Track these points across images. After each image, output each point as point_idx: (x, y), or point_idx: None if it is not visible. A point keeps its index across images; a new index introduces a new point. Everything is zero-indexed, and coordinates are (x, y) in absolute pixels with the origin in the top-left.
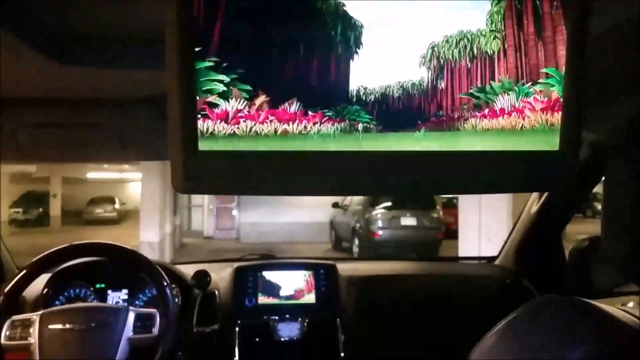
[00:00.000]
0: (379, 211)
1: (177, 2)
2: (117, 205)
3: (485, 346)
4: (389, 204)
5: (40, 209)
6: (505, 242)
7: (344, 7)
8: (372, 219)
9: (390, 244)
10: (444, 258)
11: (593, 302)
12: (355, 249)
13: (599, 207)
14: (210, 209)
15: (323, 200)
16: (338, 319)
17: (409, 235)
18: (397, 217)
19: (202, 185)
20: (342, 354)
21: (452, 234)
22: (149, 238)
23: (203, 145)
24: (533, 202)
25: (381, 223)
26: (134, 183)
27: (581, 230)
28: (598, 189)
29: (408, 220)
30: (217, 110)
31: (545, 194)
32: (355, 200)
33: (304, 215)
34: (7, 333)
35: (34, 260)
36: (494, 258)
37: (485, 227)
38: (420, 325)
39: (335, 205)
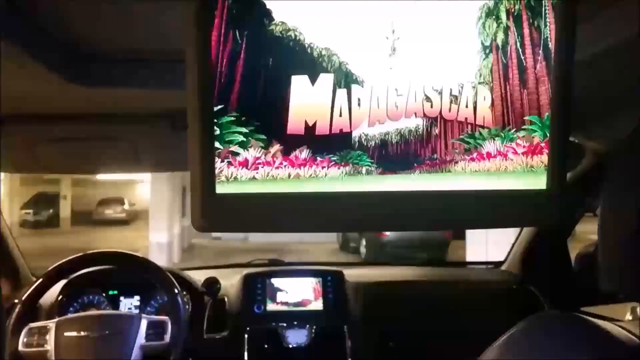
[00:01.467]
0: None
1: (199, 68)
2: (126, 206)
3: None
4: None
5: (51, 210)
6: (512, 247)
7: (347, 66)
8: None
9: (397, 245)
10: (450, 263)
11: (592, 318)
12: (363, 250)
13: None
14: None
15: None
16: (345, 326)
17: (417, 237)
18: None
19: (219, 224)
20: None
21: (460, 234)
22: (159, 239)
23: (220, 189)
24: None
25: None
26: (143, 184)
27: (591, 230)
28: None
29: None
30: (239, 158)
31: None
32: None
33: None
34: (25, 340)
35: (49, 269)
36: (500, 263)
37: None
38: (427, 331)
39: None
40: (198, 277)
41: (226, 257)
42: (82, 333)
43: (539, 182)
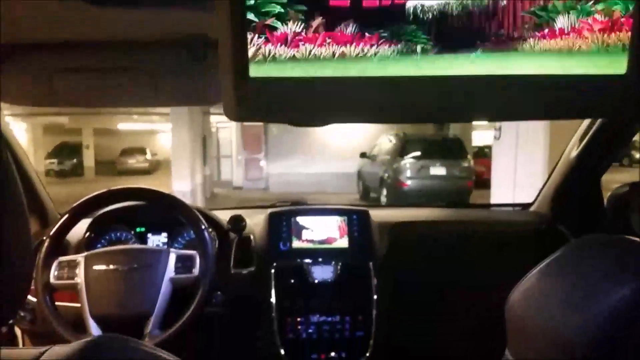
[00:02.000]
0: (407, 161)
1: None
2: (148, 156)
3: (526, 286)
4: (417, 153)
5: (74, 160)
6: (542, 188)
7: None
8: (401, 169)
9: (418, 194)
10: (475, 205)
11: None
12: (383, 199)
13: (638, 155)
14: (239, 160)
15: (351, 150)
16: (371, 263)
17: (438, 185)
18: (426, 166)
19: (254, 112)
20: (375, 297)
21: (482, 183)
22: (181, 187)
23: (255, 71)
24: (573, 146)
25: (410, 173)
26: (164, 134)
27: (617, 179)
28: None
29: (437, 170)
30: (276, 33)
31: (589, 136)
32: (383, 150)
33: (331, 166)
34: (55, 273)
35: (76, 204)
36: (528, 205)
37: (520, 174)
38: (453, 269)
39: (363, 155)
40: (223, 217)
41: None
42: (111, 266)
43: (617, 66)
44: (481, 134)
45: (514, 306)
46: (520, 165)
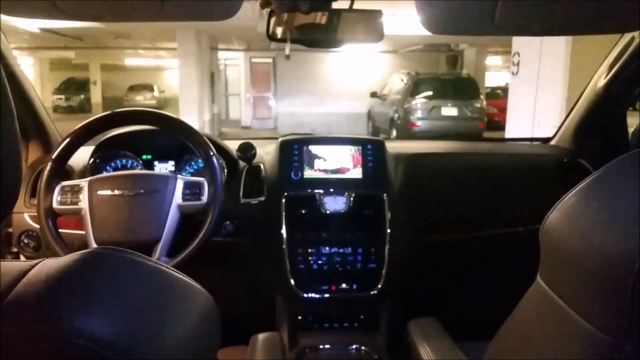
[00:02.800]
0: (418, 101)
1: None
2: (156, 93)
3: (565, 207)
4: (429, 93)
5: (82, 96)
6: (564, 121)
7: None
8: (412, 109)
9: (429, 135)
10: (491, 139)
11: None
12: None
13: None
14: (247, 98)
15: (361, 90)
16: (385, 194)
17: (450, 126)
18: (437, 106)
19: None
20: (389, 230)
21: (494, 125)
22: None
23: None
24: (601, 75)
25: (421, 113)
26: (171, 71)
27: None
28: None
29: (449, 110)
30: None
31: (621, 61)
32: (394, 90)
33: (341, 106)
34: (58, 198)
35: (79, 125)
36: (548, 139)
37: (538, 111)
38: (471, 202)
39: (373, 94)
40: (232, 146)
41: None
42: (116, 191)
43: None
44: (493, 74)
45: (552, 228)
46: (539, 102)
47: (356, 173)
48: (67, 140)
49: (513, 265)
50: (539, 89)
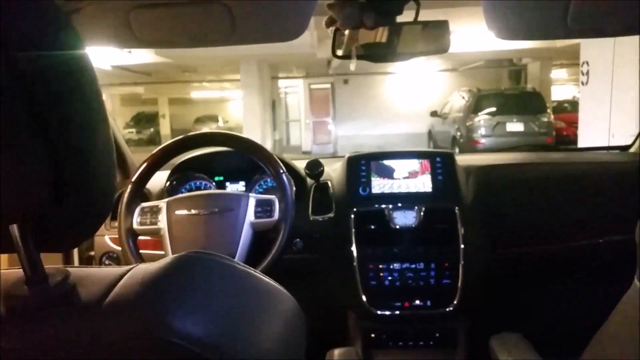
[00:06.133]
0: (481, 117)
1: None
2: (220, 123)
3: None
4: (493, 109)
5: (152, 129)
6: None
7: None
8: (474, 126)
9: (494, 150)
10: (564, 148)
11: None
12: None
13: None
14: (307, 124)
15: (420, 109)
16: (457, 207)
17: (516, 143)
18: (502, 122)
19: None
20: (462, 245)
21: (563, 140)
22: None
23: None
24: None
25: (484, 130)
26: (234, 102)
27: None
28: None
29: (515, 126)
30: None
31: None
32: (455, 108)
33: (400, 127)
34: (138, 219)
35: (155, 150)
36: (627, 147)
37: (614, 121)
38: (548, 213)
39: (433, 114)
40: (300, 165)
41: None
42: (193, 211)
43: None
44: (559, 88)
45: None
46: (614, 110)
47: (426, 186)
48: (145, 164)
49: (600, 278)
50: (613, 96)
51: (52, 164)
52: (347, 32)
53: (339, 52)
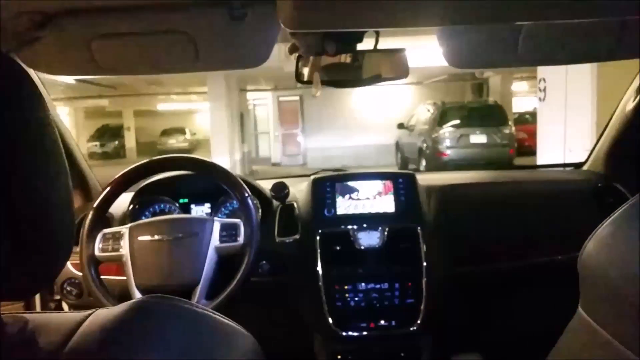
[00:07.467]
0: (446, 130)
1: None
2: (187, 136)
3: (602, 236)
4: (457, 121)
5: (116, 142)
6: (595, 145)
7: None
8: (440, 138)
9: (459, 164)
10: (521, 166)
11: None
12: (422, 170)
13: None
14: (276, 136)
15: (387, 122)
16: (419, 227)
17: (479, 154)
18: (466, 134)
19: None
20: (425, 263)
21: (525, 150)
22: (221, 164)
23: None
24: (628, 99)
25: (449, 142)
26: (202, 113)
27: None
28: None
29: (478, 138)
30: None
31: None
32: (421, 120)
33: (369, 138)
34: (100, 245)
35: (118, 175)
36: (581, 164)
37: (569, 135)
38: (506, 231)
39: (400, 126)
40: (265, 186)
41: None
42: (156, 237)
43: None
44: (521, 100)
45: (590, 258)
46: (569, 126)
47: (389, 207)
48: (108, 189)
49: (555, 295)
50: (567, 113)
51: (11, 218)
52: (310, 58)
53: (303, 76)
